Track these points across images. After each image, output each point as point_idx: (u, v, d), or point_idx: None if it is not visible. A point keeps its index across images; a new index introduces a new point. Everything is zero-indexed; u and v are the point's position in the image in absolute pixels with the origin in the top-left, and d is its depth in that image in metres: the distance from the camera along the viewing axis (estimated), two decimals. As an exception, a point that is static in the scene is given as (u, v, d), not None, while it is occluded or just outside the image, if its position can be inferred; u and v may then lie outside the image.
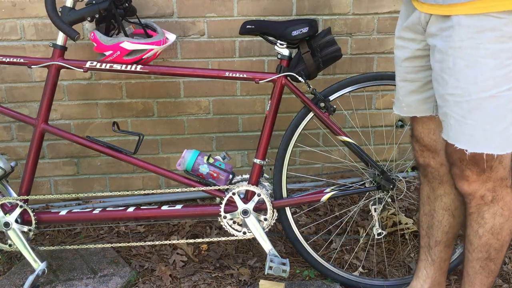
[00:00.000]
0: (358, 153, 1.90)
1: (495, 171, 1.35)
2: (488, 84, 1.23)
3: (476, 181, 1.37)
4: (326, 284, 1.96)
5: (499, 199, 1.39)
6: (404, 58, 1.48)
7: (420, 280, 1.72)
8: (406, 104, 1.55)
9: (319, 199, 1.91)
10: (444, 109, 1.33)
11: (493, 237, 1.42)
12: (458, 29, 1.23)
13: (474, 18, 1.20)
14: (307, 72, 1.83)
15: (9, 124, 2.32)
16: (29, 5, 2.13)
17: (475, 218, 1.43)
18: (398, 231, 2.21)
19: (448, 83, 1.29)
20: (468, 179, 1.37)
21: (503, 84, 1.22)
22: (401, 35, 1.48)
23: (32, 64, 1.81)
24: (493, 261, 1.46)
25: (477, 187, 1.38)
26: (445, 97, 1.31)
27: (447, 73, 1.29)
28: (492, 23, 1.19)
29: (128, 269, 2.03)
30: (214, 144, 2.46)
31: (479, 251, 1.45)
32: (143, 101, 2.34)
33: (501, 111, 1.25)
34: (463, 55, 1.24)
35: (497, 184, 1.37)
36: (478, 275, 1.48)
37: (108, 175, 2.46)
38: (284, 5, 2.24)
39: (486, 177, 1.36)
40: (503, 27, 1.19)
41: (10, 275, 2.00)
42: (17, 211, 1.82)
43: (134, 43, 1.80)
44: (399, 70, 1.53)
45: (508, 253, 2.12)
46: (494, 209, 1.40)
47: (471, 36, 1.21)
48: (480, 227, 1.42)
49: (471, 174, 1.36)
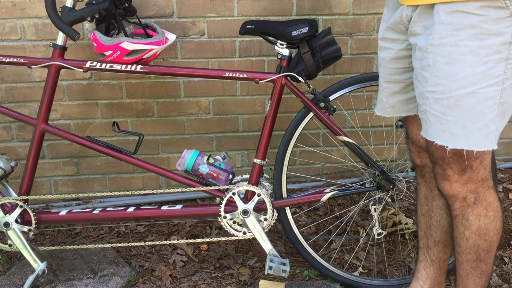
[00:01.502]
0: (358, 153, 1.90)
1: (476, 171, 1.35)
2: (467, 81, 1.23)
3: (457, 182, 1.37)
4: (326, 284, 1.96)
5: (482, 200, 1.39)
6: (388, 59, 1.50)
7: (419, 281, 1.72)
8: (390, 105, 1.57)
9: (319, 199, 1.91)
10: (424, 106, 1.34)
11: (480, 238, 1.42)
12: (438, 27, 1.24)
13: (454, 15, 1.21)
14: (307, 72, 1.83)
15: (9, 124, 2.32)
16: (29, 5, 2.13)
17: (460, 220, 1.43)
18: (398, 231, 2.21)
19: (428, 81, 1.30)
20: (449, 179, 1.37)
21: (483, 81, 1.23)
22: (384, 36, 1.49)
23: (32, 64, 1.81)
24: (483, 262, 1.45)
25: (459, 188, 1.38)
26: (425, 95, 1.32)
27: (427, 71, 1.30)
28: (471, 20, 1.20)
29: (128, 269, 2.03)
30: (214, 144, 2.46)
31: (467, 253, 1.45)
32: (143, 101, 2.34)
33: (480, 108, 1.25)
34: (443, 52, 1.25)
35: (479, 185, 1.37)
36: (470, 276, 1.48)
37: (108, 175, 2.46)
38: (284, 5, 2.24)
39: (467, 177, 1.36)
40: (482, 24, 1.19)
41: (10, 275, 2.00)
42: (17, 211, 1.82)
43: (134, 43, 1.80)
44: (383, 72, 1.54)
45: (508, 253, 2.12)
46: (477, 210, 1.40)
47: (451, 33, 1.22)
48: (466, 229, 1.42)
49: (452, 173, 1.36)
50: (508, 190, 2.53)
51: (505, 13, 1.18)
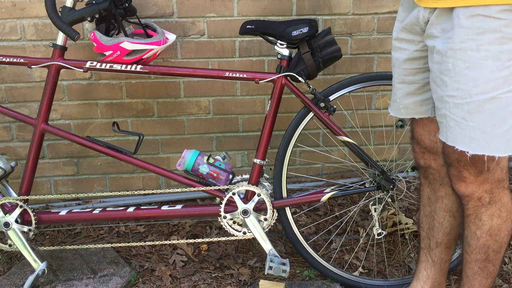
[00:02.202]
0: (358, 153, 1.90)
1: (493, 172, 1.35)
2: (488, 86, 1.22)
3: (473, 183, 1.37)
4: (326, 284, 1.96)
5: (496, 200, 1.39)
6: (402, 60, 1.48)
7: (420, 281, 1.72)
8: (403, 106, 1.55)
9: (319, 199, 1.91)
10: (443, 110, 1.33)
11: (491, 238, 1.42)
12: (458, 31, 1.23)
13: (474, 19, 1.20)
14: (307, 72, 1.83)
15: (9, 124, 2.32)
16: (29, 5, 2.13)
17: (472, 220, 1.42)
18: (398, 231, 2.21)
19: (447, 85, 1.28)
20: (465, 180, 1.37)
21: (504, 86, 1.22)
22: (399, 37, 1.47)
23: (32, 64, 1.81)
24: (491, 263, 1.45)
25: (474, 188, 1.37)
26: (445, 99, 1.31)
27: (446, 75, 1.28)
28: (492, 24, 1.18)
29: (128, 269, 2.03)
30: (214, 144, 2.46)
31: (477, 252, 1.45)
32: (143, 101, 2.34)
33: (501, 113, 1.24)
34: (464, 56, 1.23)
35: (494, 186, 1.37)
36: (477, 277, 1.48)
37: (108, 175, 2.46)
38: (284, 5, 2.24)
39: (484, 178, 1.36)
40: (504, 28, 1.18)
41: (10, 275, 2.00)
42: (17, 211, 1.82)
43: (134, 43, 1.80)
44: (397, 72, 1.52)
45: (508, 253, 2.12)
46: (491, 210, 1.39)
47: (471, 38, 1.21)
48: (478, 228, 1.42)
49: (468, 175, 1.36)
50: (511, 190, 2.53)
51: None
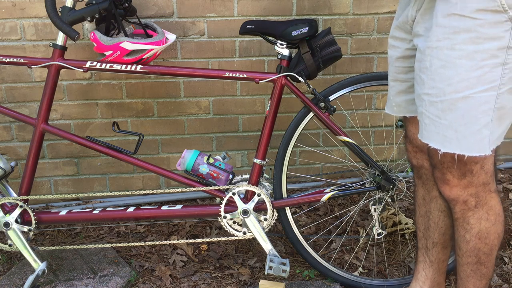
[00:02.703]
0: (358, 153, 1.90)
1: (477, 176, 1.34)
2: (462, 85, 1.23)
3: (457, 186, 1.37)
4: (326, 284, 1.96)
5: (483, 204, 1.38)
6: (395, 57, 1.50)
7: (419, 282, 1.72)
8: (396, 104, 1.57)
9: (319, 199, 1.91)
10: (420, 108, 1.34)
11: (481, 241, 1.41)
12: (435, 29, 1.24)
13: (451, 18, 1.21)
14: (307, 72, 1.83)
15: (9, 124, 2.32)
16: (29, 5, 2.13)
17: (461, 224, 1.42)
18: (398, 231, 2.21)
19: (424, 83, 1.30)
20: (449, 183, 1.37)
21: (477, 86, 1.22)
22: (394, 35, 1.50)
23: (32, 64, 1.81)
24: (483, 265, 1.45)
25: (459, 192, 1.37)
26: (422, 97, 1.32)
27: (424, 73, 1.30)
28: (467, 24, 1.19)
29: (128, 269, 2.03)
30: (214, 144, 2.46)
31: (468, 255, 1.45)
32: (143, 101, 2.34)
33: (474, 112, 1.25)
34: (439, 55, 1.25)
35: (480, 189, 1.37)
36: (471, 279, 1.48)
37: (108, 175, 2.46)
38: (284, 5, 2.24)
39: (468, 182, 1.35)
40: (479, 28, 1.19)
41: (10, 275, 2.00)
42: (17, 211, 1.82)
43: (134, 43, 1.80)
44: (391, 70, 1.55)
45: (508, 253, 2.12)
46: (479, 214, 1.39)
47: (447, 37, 1.22)
48: (467, 232, 1.42)
49: (451, 177, 1.36)
50: (508, 190, 2.53)
51: (503, 17, 1.17)
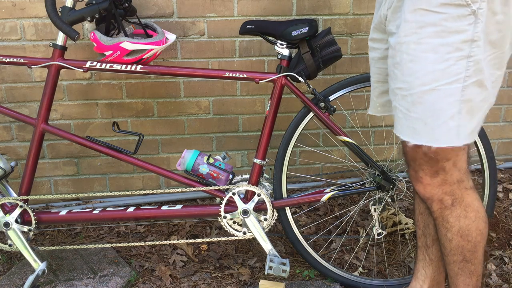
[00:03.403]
0: (358, 153, 1.90)
1: (450, 173, 1.35)
2: (428, 78, 1.25)
3: (430, 184, 1.38)
4: (326, 284, 1.96)
5: (460, 201, 1.39)
6: (376, 59, 1.53)
7: (419, 281, 1.72)
8: (380, 104, 1.60)
9: (319, 199, 1.91)
10: (394, 103, 1.37)
11: (463, 239, 1.42)
12: (403, 25, 1.27)
13: (417, 13, 1.23)
14: (307, 72, 1.84)
15: (9, 124, 2.32)
16: (29, 5, 2.13)
17: (440, 223, 1.43)
18: (398, 231, 2.21)
19: (397, 78, 1.33)
20: (422, 181, 1.38)
21: (442, 78, 1.24)
22: (372, 37, 1.52)
23: (32, 64, 1.81)
24: (470, 262, 1.45)
25: (433, 190, 1.38)
26: (395, 91, 1.35)
27: (396, 68, 1.32)
28: (432, 18, 1.22)
29: (128, 269, 2.03)
30: (214, 144, 2.46)
31: (453, 254, 1.45)
32: (143, 101, 2.34)
33: (440, 104, 1.27)
34: (407, 50, 1.27)
35: (455, 187, 1.37)
36: (459, 276, 1.48)
37: (108, 175, 2.46)
38: (284, 5, 2.24)
39: (441, 180, 1.36)
40: (443, 22, 1.21)
41: (10, 275, 2.00)
42: (17, 211, 1.82)
43: (134, 43, 1.80)
44: (373, 71, 1.57)
45: (508, 253, 2.12)
46: (456, 212, 1.40)
47: (414, 31, 1.25)
48: (448, 231, 1.42)
49: (424, 175, 1.37)
50: (508, 190, 2.53)
51: (466, 11, 1.20)
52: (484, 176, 1.88)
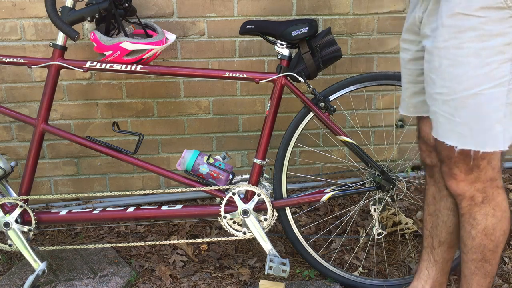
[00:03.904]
0: (358, 153, 1.90)
1: (484, 171, 1.36)
2: (471, 82, 1.25)
3: (464, 181, 1.38)
4: (326, 284, 1.96)
5: (490, 199, 1.40)
6: (407, 60, 1.52)
7: (421, 281, 1.72)
8: (412, 105, 1.59)
9: (319, 199, 1.91)
10: (433, 107, 1.36)
11: (486, 238, 1.42)
12: (441, 30, 1.26)
13: (455, 18, 1.23)
14: (307, 72, 1.83)
15: (9, 124, 2.32)
16: (29, 5, 2.13)
17: (467, 219, 1.43)
18: (398, 231, 2.21)
19: (435, 83, 1.32)
20: (456, 178, 1.39)
21: (486, 83, 1.24)
22: (404, 37, 1.52)
23: (32, 64, 1.81)
24: (488, 262, 1.46)
25: (466, 187, 1.39)
26: (434, 96, 1.34)
27: (434, 73, 1.32)
28: (472, 23, 1.21)
29: (128, 269, 2.03)
30: (214, 144, 2.46)
31: (473, 252, 1.45)
32: (143, 101, 2.34)
33: (485, 109, 1.27)
34: (447, 54, 1.27)
35: (487, 185, 1.38)
36: (475, 276, 1.48)
37: (108, 175, 2.46)
38: (284, 5, 2.24)
39: (475, 177, 1.37)
40: (483, 26, 1.20)
41: (10, 275, 2.00)
42: (17, 211, 1.82)
43: (134, 43, 1.80)
44: (404, 72, 1.56)
45: (507, 253, 2.12)
46: (485, 210, 1.40)
47: (453, 36, 1.24)
48: (473, 228, 1.43)
49: (459, 172, 1.37)
50: (508, 190, 2.53)
51: (507, 14, 1.19)
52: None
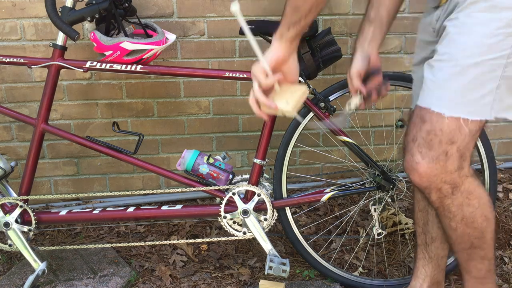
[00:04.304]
0: (358, 153, 1.90)
1: (451, 160, 1.30)
2: (475, 51, 1.25)
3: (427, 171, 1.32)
4: (326, 284, 1.96)
5: (461, 190, 1.35)
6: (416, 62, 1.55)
7: (419, 280, 1.72)
8: None
9: (319, 199, 1.91)
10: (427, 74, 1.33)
11: (468, 227, 1.39)
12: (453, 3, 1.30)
13: None
14: (307, 72, 1.83)
15: (9, 124, 2.32)
16: (29, 5, 2.13)
17: (442, 212, 1.39)
18: (398, 231, 2.21)
19: (438, 51, 1.32)
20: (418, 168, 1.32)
21: (490, 53, 1.24)
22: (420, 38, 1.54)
23: (32, 64, 1.81)
24: (478, 248, 1.42)
25: (431, 178, 1.32)
26: (431, 63, 1.33)
27: (440, 43, 1.32)
28: None
29: (128, 269, 2.03)
30: (214, 144, 2.46)
31: (459, 242, 1.42)
32: (143, 101, 2.34)
33: (482, 78, 1.26)
34: (456, 23, 1.28)
35: (455, 176, 1.33)
36: (470, 262, 1.46)
37: (108, 175, 2.46)
38: (284, 5, 2.24)
39: (440, 167, 1.31)
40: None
41: (10, 275, 2.00)
42: (17, 211, 1.82)
43: (134, 43, 1.80)
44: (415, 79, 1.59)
45: (507, 253, 2.12)
46: (458, 200, 1.36)
47: (465, 6, 1.26)
48: (451, 220, 1.39)
49: (421, 159, 1.31)
50: (508, 190, 2.53)
51: None
52: (484, 176, 1.88)
